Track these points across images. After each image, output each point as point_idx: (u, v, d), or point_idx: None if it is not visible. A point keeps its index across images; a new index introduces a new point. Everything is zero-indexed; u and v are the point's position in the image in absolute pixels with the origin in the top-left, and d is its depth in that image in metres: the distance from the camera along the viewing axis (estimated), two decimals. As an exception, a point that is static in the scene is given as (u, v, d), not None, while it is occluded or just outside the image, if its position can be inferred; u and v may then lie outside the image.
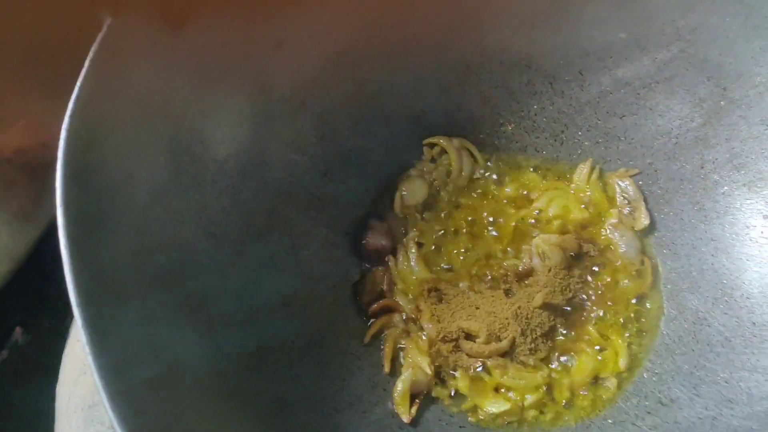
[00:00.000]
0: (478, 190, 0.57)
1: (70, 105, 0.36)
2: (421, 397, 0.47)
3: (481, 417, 0.48)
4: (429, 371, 0.47)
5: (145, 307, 0.36)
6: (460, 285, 0.52)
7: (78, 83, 0.37)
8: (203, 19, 0.44)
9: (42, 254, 0.56)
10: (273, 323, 0.46)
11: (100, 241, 0.35)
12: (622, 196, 0.55)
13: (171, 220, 0.42)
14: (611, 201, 0.55)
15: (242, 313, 0.44)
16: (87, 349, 0.31)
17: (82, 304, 0.32)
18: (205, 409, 0.37)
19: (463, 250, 0.54)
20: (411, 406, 0.47)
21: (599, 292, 0.52)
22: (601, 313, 0.51)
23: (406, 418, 0.46)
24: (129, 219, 0.38)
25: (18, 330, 0.60)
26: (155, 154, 0.41)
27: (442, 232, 0.55)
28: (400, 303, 0.51)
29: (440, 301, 0.51)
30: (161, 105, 0.42)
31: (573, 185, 0.56)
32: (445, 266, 0.54)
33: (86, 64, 0.37)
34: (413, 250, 0.53)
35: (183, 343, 0.38)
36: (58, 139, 0.57)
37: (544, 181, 0.57)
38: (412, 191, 0.55)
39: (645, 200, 0.55)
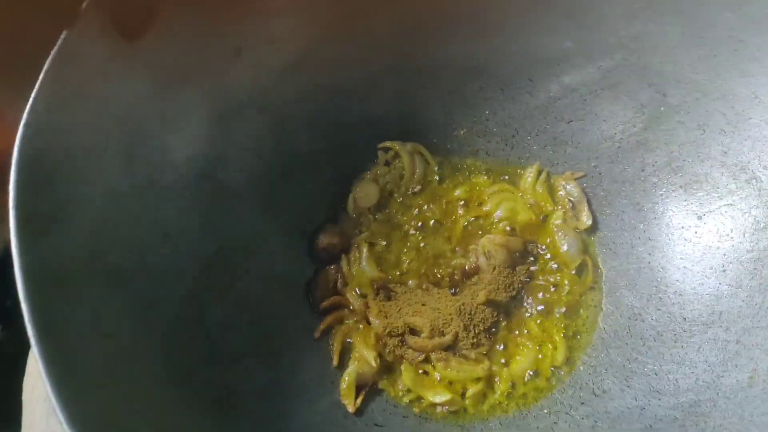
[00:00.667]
0: (430, 193, 0.59)
1: (25, 113, 0.39)
2: (367, 388, 0.50)
3: (424, 407, 0.50)
4: (374, 364, 0.50)
5: (96, 304, 0.39)
6: (409, 283, 0.55)
7: (33, 92, 0.39)
8: (161, 28, 0.46)
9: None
10: (226, 319, 0.48)
11: (53, 243, 0.38)
12: (567, 198, 0.58)
13: (125, 221, 0.44)
14: (556, 203, 0.58)
15: (194, 310, 0.47)
16: (33, 342, 0.33)
17: (31, 303, 0.34)
18: (155, 395, 0.39)
19: (413, 250, 0.56)
20: (356, 397, 0.49)
21: (540, 290, 0.55)
22: (540, 308, 0.54)
23: (351, 408, 0.49)
24: (83, 221, 0.40)
25: (-6, 326, 0.62)
26: (111, 160, 0.44)
27: (393, 232, 0.58)
28: (350, 300, 0.54)
29: (389, 298, 0.54)
30: (119, 112, 0.45)
31: (520, 188, 0.59)
32: (394, 265, 0.56)
33: (41, 74, 0.40)
34: (364, 250, 0.55)
35: (132, 336, 0.41)
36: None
37: (494, 184, 0.59)
38: (365, 193, 0.58)
39: (588, 202, 0.57)
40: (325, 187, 0.58)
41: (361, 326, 0.53)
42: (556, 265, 0.56)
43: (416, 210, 0.59)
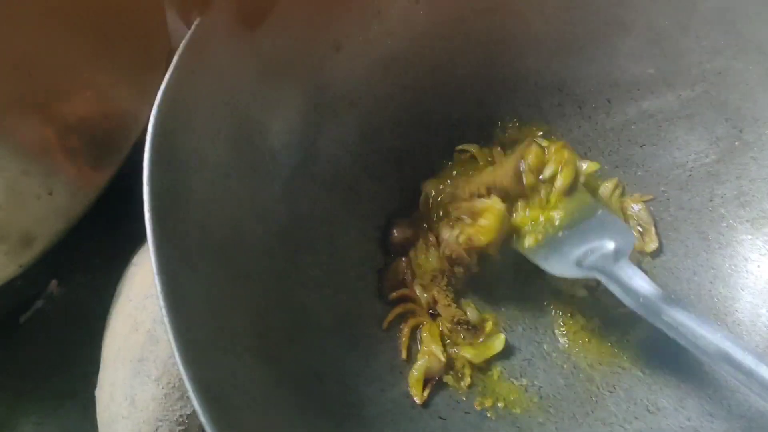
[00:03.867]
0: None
1: (159, 93, 0.41)
2: (434, 382, 0.52)
3: (486, 406, 0.53)
4: (442, 359, 0.52)
5: (207, 278, 0.41)
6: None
7: (168, 73, 0.41)
8: (274, 21, 0.49)
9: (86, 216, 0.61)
10: (308, 301, 0.51)
11: (175, 215, 0.40)
12: (635, 219, 0.60)
13: (229, 203, 0.46)
14: (626, 221, 0.60)
15: (282, 291, 0.49)
16: (163, 312, 0.35)
17: (162, 271, 0.36)
18: (254, 369, 0.41)
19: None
20: (424, 389, 0.52)
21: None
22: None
23: (418, 400, 0.51)
24: (197, 198, 0.43)
25: (54, 282, 0.65)
26: (222, 142, 0.46)
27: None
28: (417, 293, 0.56)
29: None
30: (231, 97, 0.47)
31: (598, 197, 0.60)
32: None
33: (175, 57, 0.42)
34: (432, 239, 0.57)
35: (234, 312, 0.43)
36: (117, 110, 0.62)
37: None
38: (438, 191, 0.60)
39: (655, 225, 0.59)
40: (402, 183, 0.60)
41: (425, 321, 0.55)
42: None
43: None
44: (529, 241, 0.54)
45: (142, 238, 0.56)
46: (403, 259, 0.58)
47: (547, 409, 0.53)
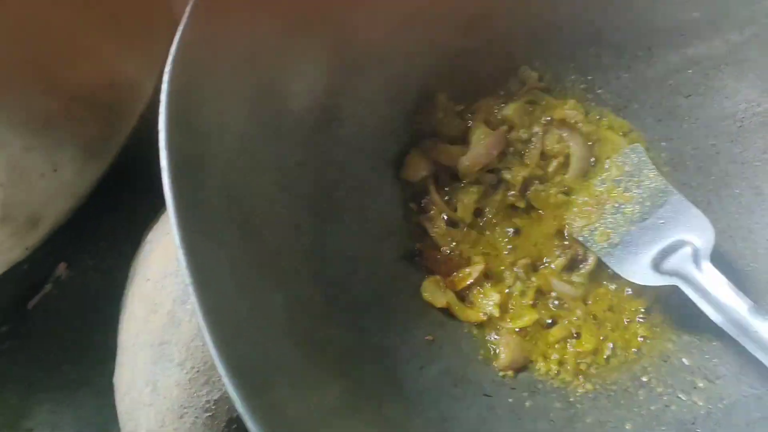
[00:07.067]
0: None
1: (172, 51, 0.37)
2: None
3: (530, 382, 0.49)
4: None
5: (232, 252, 0.38)
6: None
7: (179, 30, 0.37)
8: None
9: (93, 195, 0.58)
10: (340, 277, 0.47)
11: (197, 184, 0.36)
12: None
13: (252, 170, 0.43)
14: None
15: (312, 267, 0.46)
16: (191, 289, 0.32)
17: (186, 244, 0.33)
18: (285, 349, 0.38)
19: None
20: None
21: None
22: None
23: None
24: (219, 165, 0.39)
25: (62, 265, 0.62)
26: (242, 104, 0.42)
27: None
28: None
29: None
30: (249, 56, 0.43)
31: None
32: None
33: (186, 12, 0.38)
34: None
35: (262, 290, 0.40)
36: (123, 79, 0.58)
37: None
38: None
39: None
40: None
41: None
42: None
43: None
44: (600, 237, 0.51)
45: (154, 215, 0.54)
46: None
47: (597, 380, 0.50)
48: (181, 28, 0.38)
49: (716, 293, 0.46)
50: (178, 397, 0.45)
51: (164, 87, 0.36)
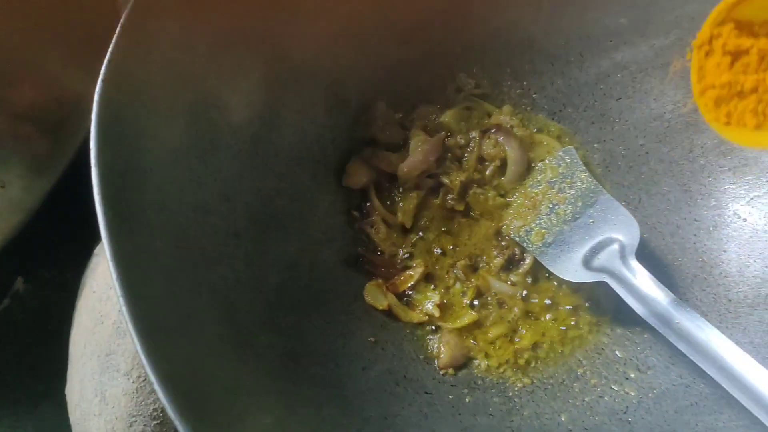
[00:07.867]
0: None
1: (103, 67, 0.38)
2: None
3: (470, 378, 0.51)
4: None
5: (167, 263, 0.39)
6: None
7: (111, 46, 0.38)
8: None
9: (46, 208, 0.58)
10: (281, 283, 0.48)
11: (129, 198, 0.37)
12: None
13: (189, 182, 0.44)
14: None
15: (252, 273, 0.47)
16: (121, 303, 0.33)
17: (117, 259, 0.34)
18: (223, 356, 0.39)
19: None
20: None
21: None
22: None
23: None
24: (153, 179, 0.40)
25: (19, 280, 0.62)
26: (176, 118, 0.43)
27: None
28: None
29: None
30: (183, 70, 0.44)
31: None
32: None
33: (118, 27, 0.39)
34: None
35: (198, 299, 0.41)
36: (70, 95, 0.59)
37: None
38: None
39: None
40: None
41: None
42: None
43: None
44: (536, 237, 0.53)
45: (104, 229, 0.55)
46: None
47: (534, 375, 0.52)
48: (114, 39, 0.39)
49: (641, 287, 0.48)
50: (126, 406, 0.46)
51: (94, 106, 0.37)
